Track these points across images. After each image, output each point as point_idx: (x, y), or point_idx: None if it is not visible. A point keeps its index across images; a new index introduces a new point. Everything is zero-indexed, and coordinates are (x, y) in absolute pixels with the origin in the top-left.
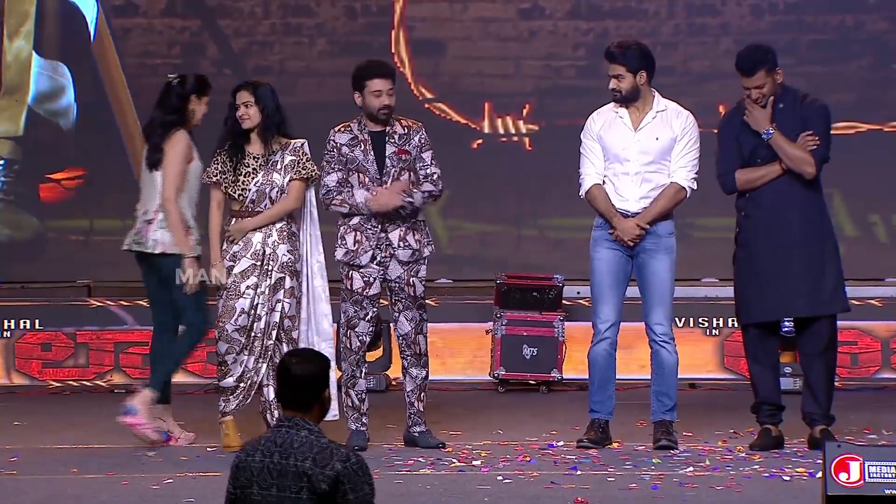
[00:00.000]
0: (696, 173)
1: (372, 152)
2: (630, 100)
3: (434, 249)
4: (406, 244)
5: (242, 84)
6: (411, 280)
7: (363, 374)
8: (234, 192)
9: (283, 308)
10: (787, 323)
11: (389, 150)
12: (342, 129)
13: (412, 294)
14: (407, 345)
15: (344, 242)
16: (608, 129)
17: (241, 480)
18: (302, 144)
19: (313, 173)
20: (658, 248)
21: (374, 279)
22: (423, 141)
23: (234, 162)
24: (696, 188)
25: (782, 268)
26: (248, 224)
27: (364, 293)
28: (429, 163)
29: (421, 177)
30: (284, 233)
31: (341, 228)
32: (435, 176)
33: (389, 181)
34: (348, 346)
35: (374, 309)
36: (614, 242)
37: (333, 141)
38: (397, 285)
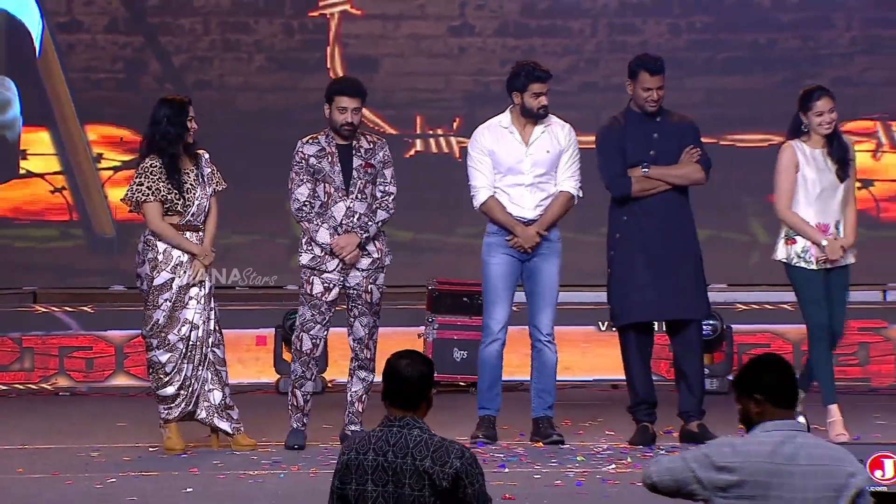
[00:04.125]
0: (579, 181)
1: (339, 164)
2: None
3: (393, 258)
4: (366, 252)
5: (187, 98)
6: (369, 287)
7: (312, 377)
8: (181, 209)
9: (216, 314)
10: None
11: (357, 162)
12: (310, 141)
13: (369, 301)
14: (360, 349)
15: (310, 248)
16: (499, 144)
17: (352, 477)
18: (209, 156)
19: (224, 185)
20: (550, 253)
21: (334, 285)
22: (386, 157)
23: (177, 181)
24: (582, 196)
25: (660, 272)
26: (209, 251)
27: (323, 298)
28: (389, 180)
29: (379, 193)
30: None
31: (306, 235)
32: (391, 198)
33: (356, 192)
34: (299, 347)
35: (331, 314)
36: (510, 248)
37: (302, 152)
38: (356, 292)
